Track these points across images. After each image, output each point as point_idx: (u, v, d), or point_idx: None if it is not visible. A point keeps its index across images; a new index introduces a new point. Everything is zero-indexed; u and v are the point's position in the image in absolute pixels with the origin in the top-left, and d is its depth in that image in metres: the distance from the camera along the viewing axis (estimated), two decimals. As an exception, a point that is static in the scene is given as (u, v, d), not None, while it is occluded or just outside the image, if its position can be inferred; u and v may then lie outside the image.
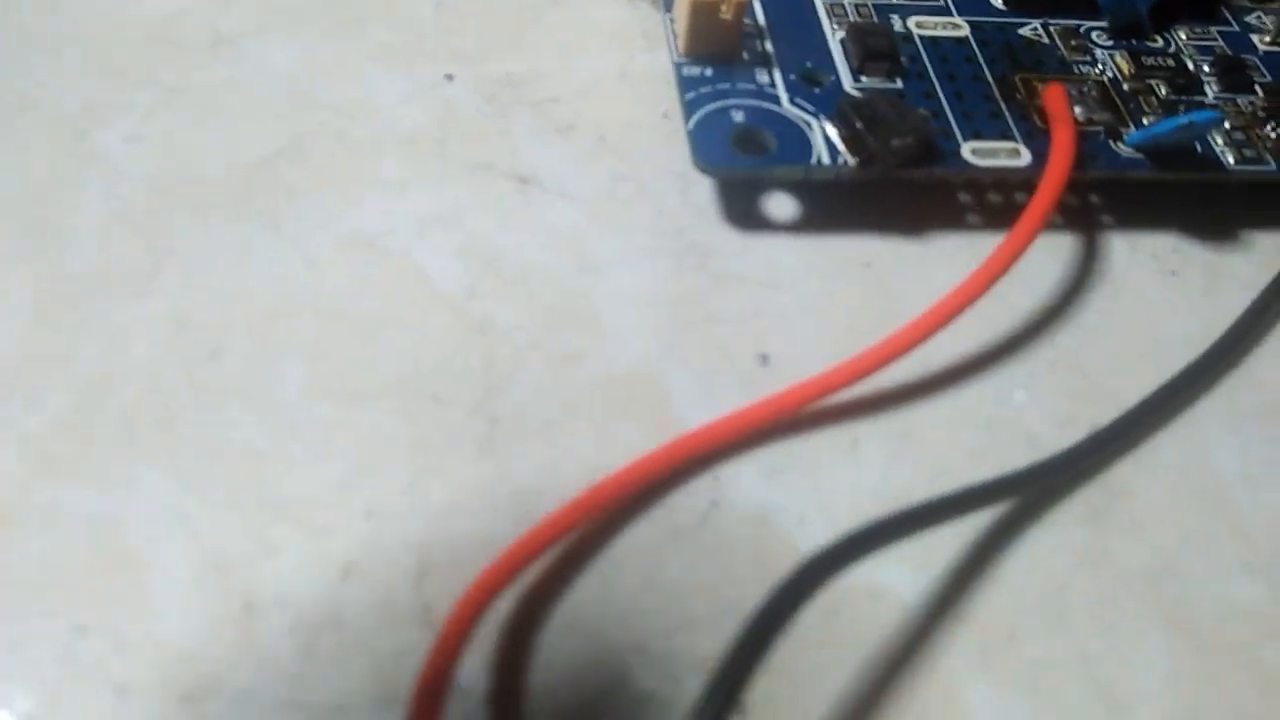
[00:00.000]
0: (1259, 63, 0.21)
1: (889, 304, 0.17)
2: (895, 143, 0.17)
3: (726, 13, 0.18)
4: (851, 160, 0.18)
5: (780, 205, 0.18)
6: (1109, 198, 0.19)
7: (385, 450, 0.15)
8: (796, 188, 0.19)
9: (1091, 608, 0.15)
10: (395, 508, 0.14)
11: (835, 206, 0.18)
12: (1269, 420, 0.17)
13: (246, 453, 0.15)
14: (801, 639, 0.14)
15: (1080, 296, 0.18)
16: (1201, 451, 0.16)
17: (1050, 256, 0.18)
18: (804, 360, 0.16)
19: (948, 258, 0.18)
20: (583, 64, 0.20)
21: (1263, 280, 0.18)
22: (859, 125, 0.17)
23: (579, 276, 0.17)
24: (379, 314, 0.16)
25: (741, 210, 0.18)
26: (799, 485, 0.15)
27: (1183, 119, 0.18)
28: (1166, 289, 0.18)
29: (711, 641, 0.14)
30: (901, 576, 0.15)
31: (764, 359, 0.17)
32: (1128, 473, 0.16)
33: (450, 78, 0.20)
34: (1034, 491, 0.16)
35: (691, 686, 0.13)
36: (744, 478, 0.15)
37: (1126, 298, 0.18)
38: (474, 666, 0.13)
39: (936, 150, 0.18)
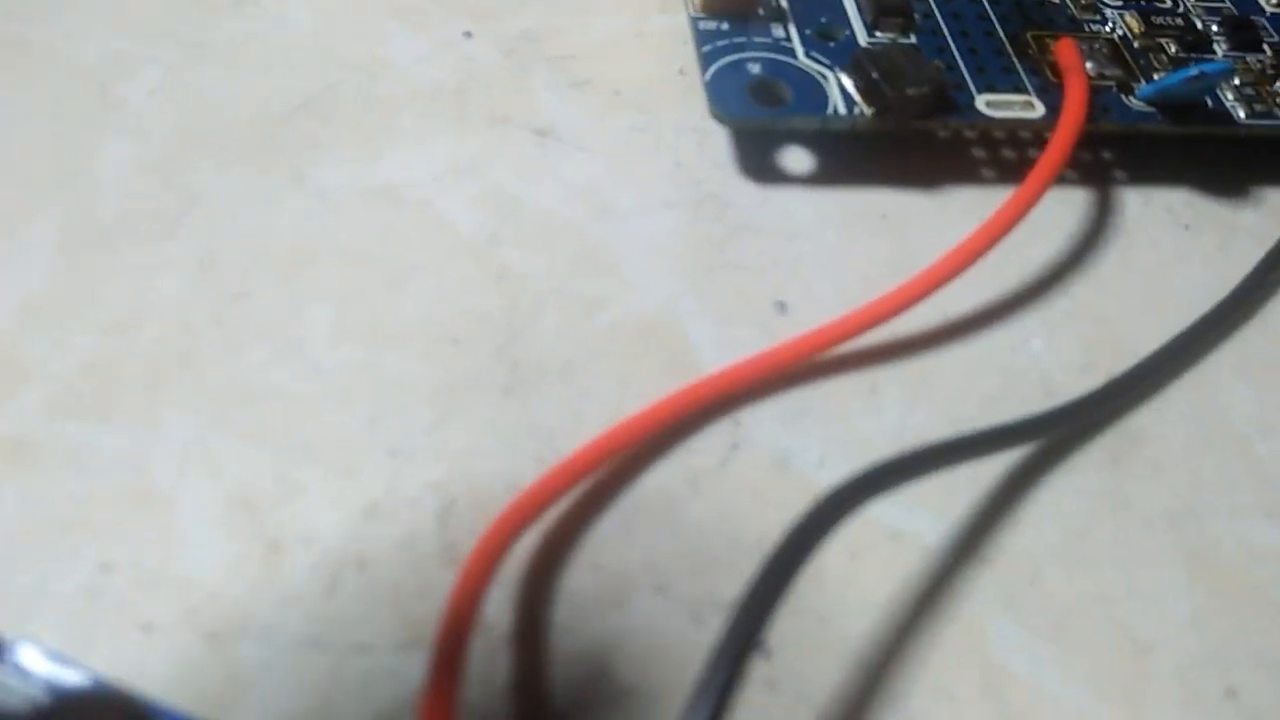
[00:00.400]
0: (1266, 23, 0.21)
1: (905, 255, 0.17)
2: (911, 91, 0.17)
3: (742, -34, 0.18)
4: (867, 110, 0.18)
5: (796, 158, 0.19)
6: (1122, 153, 0.19)
7: (409, 392, 0.15)
8: (812, 141, 0.19)
9: (1112, 550, 0.15)
10: (419, 448, 0.15)
11: (851, 159, 0.19)
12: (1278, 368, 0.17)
13: (272, 393, 0.15)
14: (825, 582, 0.14)
15: (1095, 249, 0.18)
16: (1217, 399, 0.16)
17: (1066, 210, 0.19)
18: (821, 308, 0.16)
19: (962, 211, 0.18)
20: (598, 22, 0.20)
21: (1275, 234, 0.18)
22: (875, 75, 0.18)
23: (598, 225, 0.17)
24: (402, 260, 0.16)
25: (758, 163, 0.18)
26: (818, 429, 0.15)
27: (1193, 70, 0.18)
28: (1180, 242, 0.18)
29: (733, 582, 0.14)
30: (923, 521, 0.15)
31: (782, 306, 0.17)
32: (1145, 420, 0.16)
33: (469, 35, 0.20)
34: (1052, 435, 0.16)
35: (714, 625, 0.13)
36: (764, 422, 0.15)
37: (1141, 251, 0.18)
38: (498, 604, 0.13)
39: (951, 101, 0.18)
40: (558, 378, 0.15)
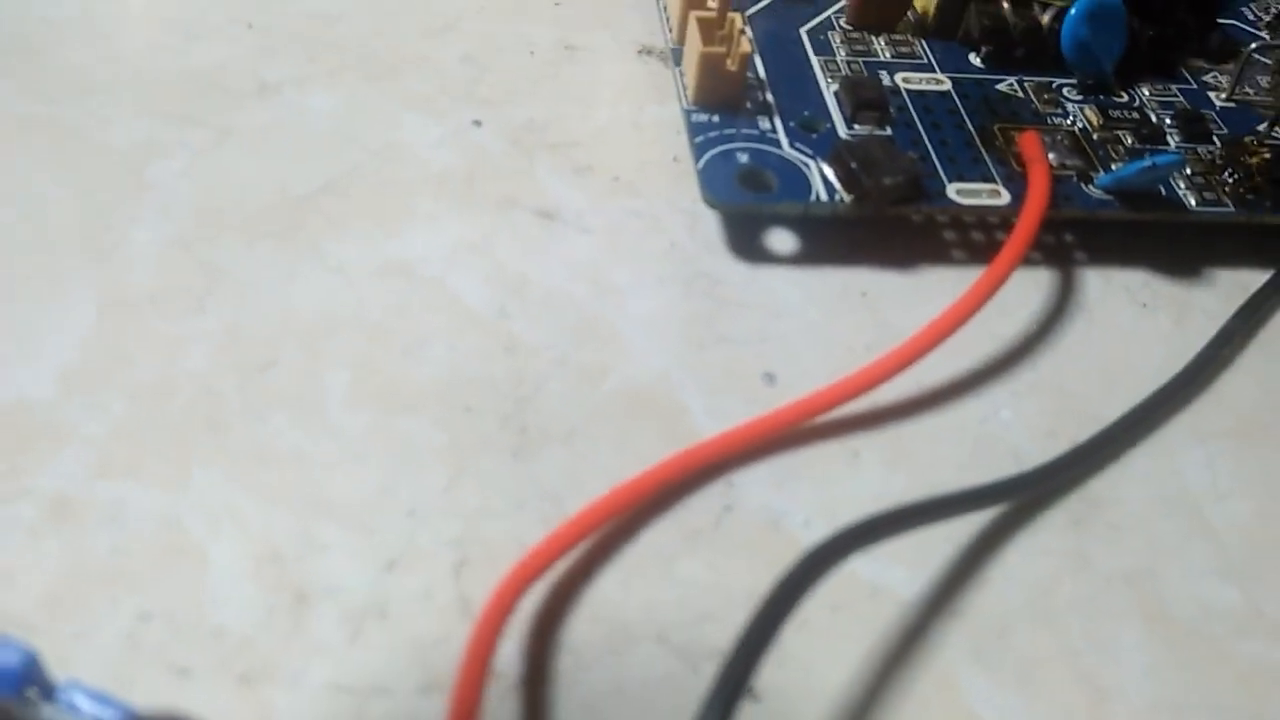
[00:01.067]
0: (1216, 117, 0.23)
1: (883, 331, 0.19)
2: (887, 181, 0.19)
3: (732, 64, 0.20)
4: (847, 197, 0.19)
5: (782, 240, 0.20)
6: (1083, 236, 0.21)
7: (424, 455, 0.16)
8: (797, 224, 0.20)
9: (1075, 607, 0.16)
10: (434, 507, 0.16)
11: (833, 242, 0.20)
12: (1234, 438, 0.18)
13: (295, 456, 0.16)
14: (809, 632, 0.15)
15: (1059, 326, 0.20)
16: (1173, 466, 0.18)
17: (1032, 289, 0.20)
18: (807, 379, 0.18)
19: (936, 289, 0.20)
20: (598, 112, 0.22)
21: (1227, 312, 0.20)
22: (853, 165, 0.19)
23: (599, 301, 0.18)
24: (416, 332, 0.18)
25: (747, 244, 0.20)
26: (805, 492, 0.17)
27: (1146, 161, 0.19)
28: (1139, 320, 0.20)
29: (726, 632, 0.15)
30: (900, 577, 0.16)
31: (770, 378, 0.18)
32: (1106, 485, 0.17)
33: (478, 123, 0.21)
34: (1019, 498, 0.17)
35: (708, 671, 0.14)
36: (755, 485, 0.17)
37: (1102, 327, 0.20)
38: (509, 653, 0.14)
39: (925, 189, 0.20)
40: (562, 442, 0.17)
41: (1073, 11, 0.22)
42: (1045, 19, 0.22)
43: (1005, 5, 0.22)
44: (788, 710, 0.14)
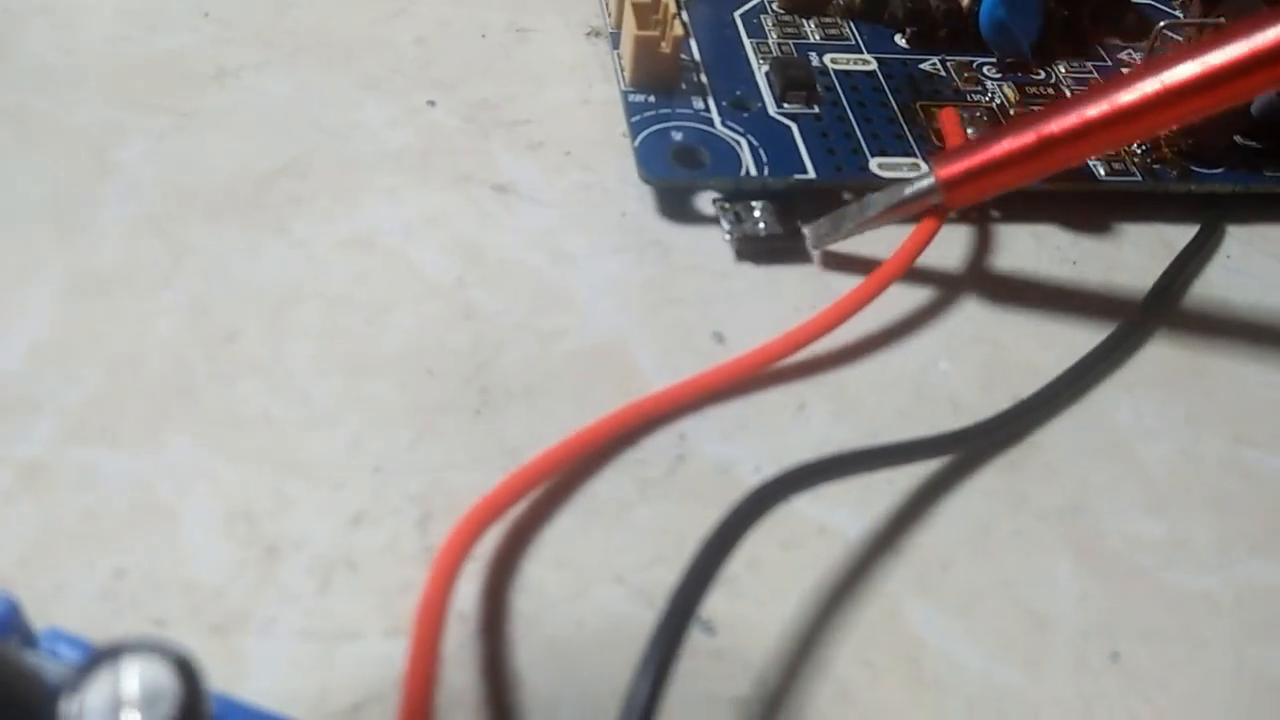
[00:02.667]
0: None
1: (825, 293, 0.20)
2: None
3: (666, 46, 0.21)
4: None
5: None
6: (1012, 201, 0.22)
7: (388, 415, 0.17)
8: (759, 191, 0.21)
9: (1012, 542, 0.17)
10: (399, 464, 0.16)
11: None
12: (1160, 386, 0.19)
13: (263, 419, 0.17)
14: (760, 570, 0.16)
15: (995, 283, 0.20)
16: (1102, 410, 0.19)
17: (968, 249, 0.21)
18: (754, 337, 0.18)
19: (874, 255, 0.20)
20: (549, 92, 0.23)
21: (1151, 269, 0.21)
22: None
23: (554, 268, 0.19)
24: (378, 302, 0.18)
25: (694, 213, 0.21)
26: (754, 441, 0.17)
27: None
28: (1069, 275, 0.21)
29: (679, 572, 0.16)
30: (845, 517, 0.17)
31: (719, 337, 0.19)
32: (1041, 430, 0.18)
33: (432, 103, 0.22)
34: (959, 451, 0.18)
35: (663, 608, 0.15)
36: (706, 437, 0.17)
37: (1035, 283, 0.21)
38: (474, 598, 0.15)
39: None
40: (522, 401, 0.17)
41: (988, -7, 0.23)
42: (965, 1, 0.23)
43: (926, -13, 0.23)
44: (742, 641, 0.15)
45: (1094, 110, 0.18)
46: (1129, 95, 0.17)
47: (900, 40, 0.24)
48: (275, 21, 0.23)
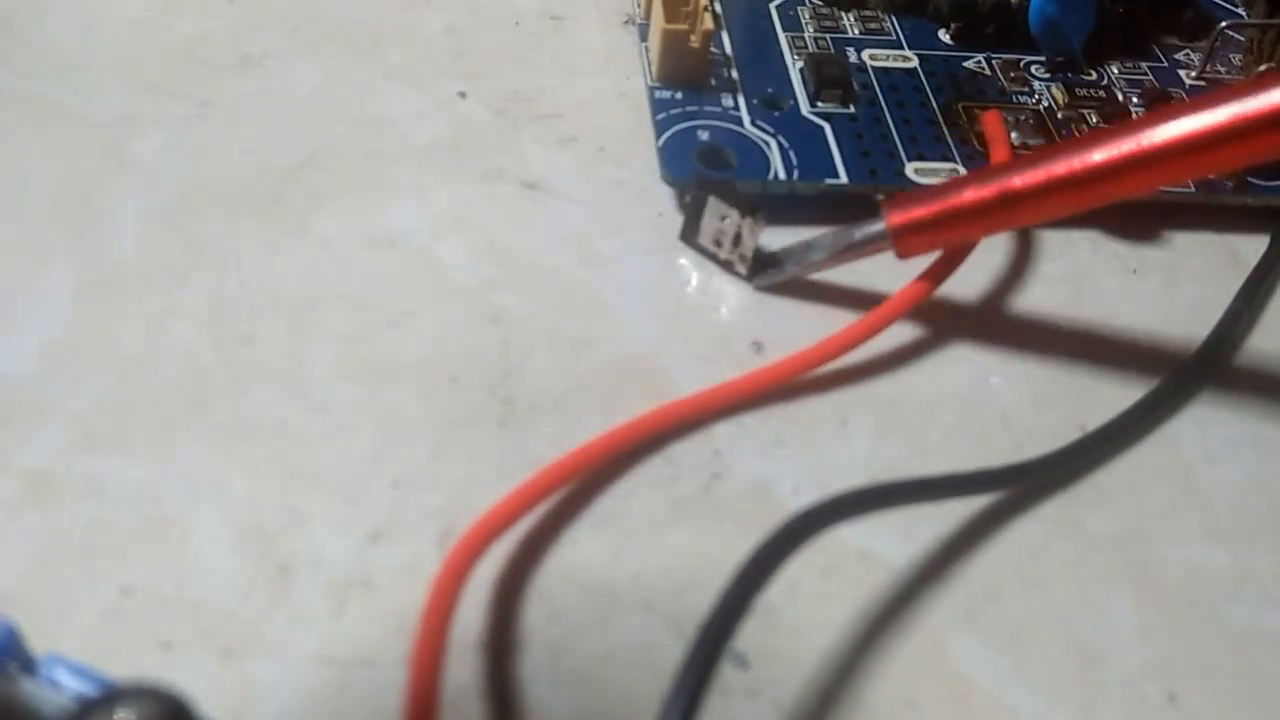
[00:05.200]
0: (1184, 95, 0.22)
1: (869, 296, 0.19)
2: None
3: (695, 41, 0.20)
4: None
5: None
6: None
7: (409, 427, 0.16)
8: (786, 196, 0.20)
9: (1065, 571, 0.16)
10: (419, 478, 0.16)
11: (819, 211, 0.20)
12: (1225, 407, 0.18)
13: (279, 429, 0.16)
14: (799, 598, 0.15)
15: (1049, 292, 0.19)
16: (1165, 432, 0.18)
17: (1019, 252, 0.20)
18: (796, 346, 0.18)
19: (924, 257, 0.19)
20: (584, 83, 0.22)
21: (1214, 277, 0.20)
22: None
23: (585, 270, 0.18)
24: (401, 304, 0.17)
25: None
26: (794, 458, 0.16)
27: None
28: (1128, 285, 0.20)
29: (711, 601, 0.15)
30: (890, 543, 0.16)
31: (758, 346, 0.18)
32: (1098, 450, 0.17)
33: (463, 95, 0.21)
34: (1017, 486, 0.17)
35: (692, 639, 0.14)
36: (742, 451, 0.16)
37: (1091, 293, 0.19)
38: (498, 621, 0.14)
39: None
40: (549, 412, 0.16)
41: (1039, -12, 0.22)
42: None
43: (975, -21, 0.22)
44: (777, 676, 0.14)
45: (1061, 168, 0.16)
46: (1101, 154, 0.16)
47: (944, 36, 0.23)
48: (301, 7, 0.22)
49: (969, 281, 0.19)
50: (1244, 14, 0.24)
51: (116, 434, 0.16)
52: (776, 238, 0.19)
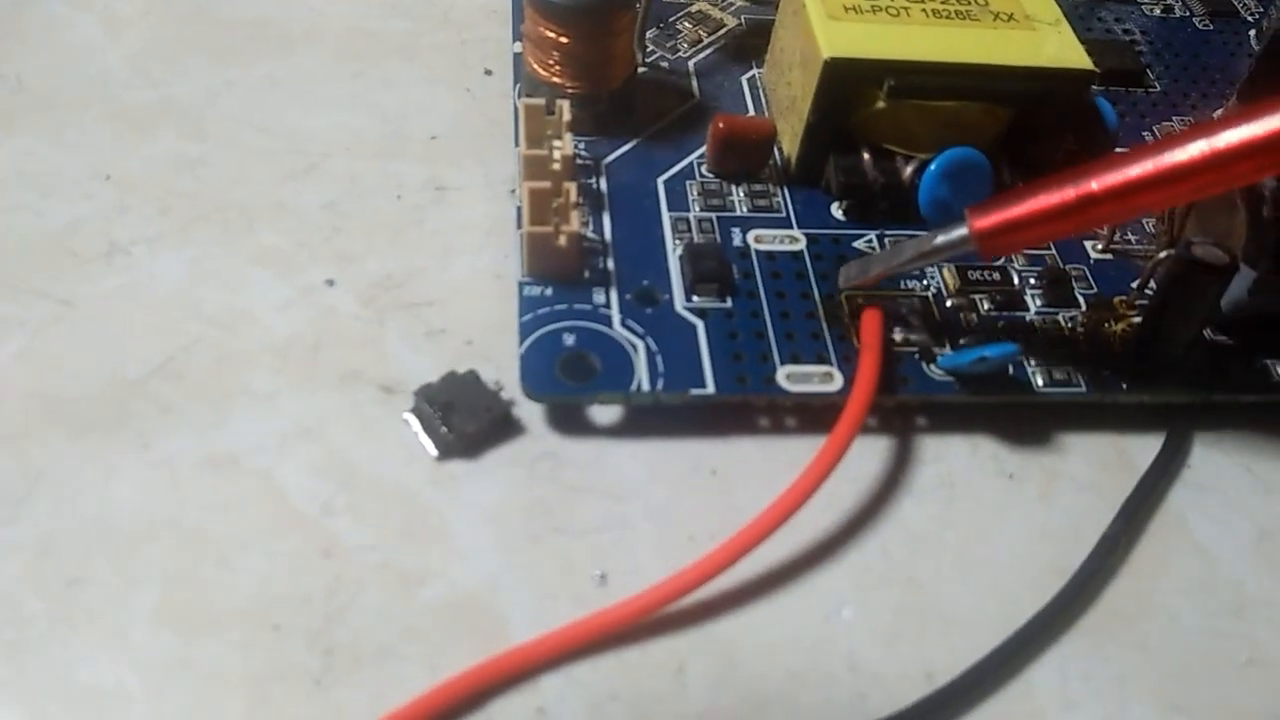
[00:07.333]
0: (1088, 272, 0.21)
1: (731, 514, 0.18)
2: (470, 428, 0.18)
3: (563, 241, 0.19)
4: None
5: (633, 415, 0.19)
6: (948, 412, 0.20)
7: (223, 688, 0.16)
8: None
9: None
10: (228, 745, 0.15)
11: (685, 418, 0.19)
12: (1087, 635, 0.17)
13: (91, 688, 0.15)
14: None
15: (919, 500, 0.19)
16: (1022, 678, 0.17)
17: (893, 460, 0.19)
18: (642, 578, 0.17)
19: (788, 464, 0.18)
20: (461, 262, 0.21)
21: (1094, 481, 0.19)
22: (436, 412, 0.18)
23: (431, 490, 0.18)
24: (233, 536, 0.17)
25: (590, 426, 0.19)
26: (624, 716, 0.16)
27: (979, 352, 0.19)
28: (1004, 492, 0.19)
29: None
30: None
31: (603, 579, 0.17)
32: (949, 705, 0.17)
33: (331, 282, 0.21)
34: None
35: None
36: (569, 709, 0.16)
37: (964, 502, 0.19)
38: None
39: (513, 422, 0.19)
40: (370, 665, 0.16)
41: (932, 167, 0.21)
42: (907, 172, 0.21)
43: (866, 158, 0.21)
44: None
45: (1137, 170, 0.17)
46: (1177, 155, 0.16)
47: (837, 211, 0.22)
48: (178, 183, 0.22)
49: (836, 496, 0.18)
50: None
51: (-73, 693, 0.15)
52: (640, 449, 0.19)
